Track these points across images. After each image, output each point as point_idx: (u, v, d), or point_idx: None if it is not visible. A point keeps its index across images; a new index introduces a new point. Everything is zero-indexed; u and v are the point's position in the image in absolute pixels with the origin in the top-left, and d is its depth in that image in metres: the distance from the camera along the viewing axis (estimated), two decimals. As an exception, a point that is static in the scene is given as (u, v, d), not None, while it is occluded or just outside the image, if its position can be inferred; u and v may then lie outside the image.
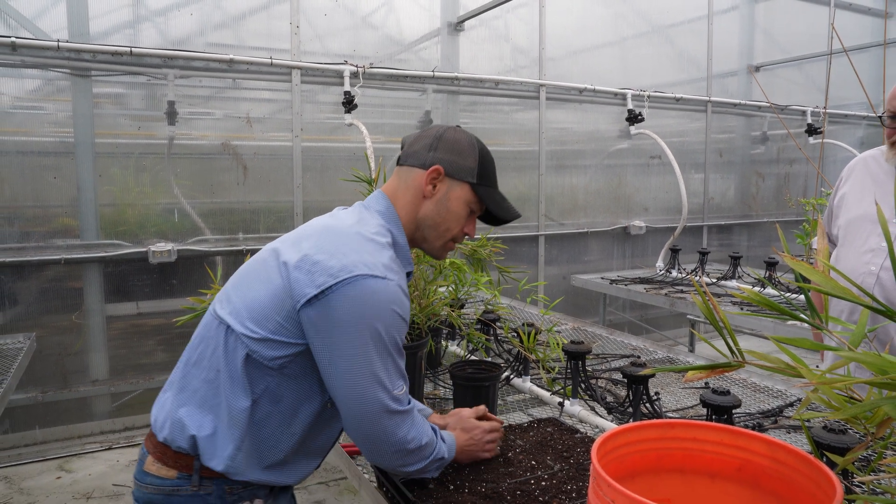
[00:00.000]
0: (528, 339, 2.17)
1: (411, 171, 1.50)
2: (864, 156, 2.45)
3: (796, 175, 7.80)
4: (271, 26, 4.68)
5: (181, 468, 1.37)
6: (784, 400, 2.25)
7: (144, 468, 1.41)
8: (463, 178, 1.48)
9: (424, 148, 1.49)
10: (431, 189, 1.48)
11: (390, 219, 1.48)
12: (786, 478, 1.04)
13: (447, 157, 1.47)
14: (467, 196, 1.50)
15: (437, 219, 1.49)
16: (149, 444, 1.44)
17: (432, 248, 1.55)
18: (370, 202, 1.51)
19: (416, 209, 1.49)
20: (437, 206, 1.48)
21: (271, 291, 1.34)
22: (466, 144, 1.50)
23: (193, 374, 1.42)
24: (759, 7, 7.31)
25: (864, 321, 0.92)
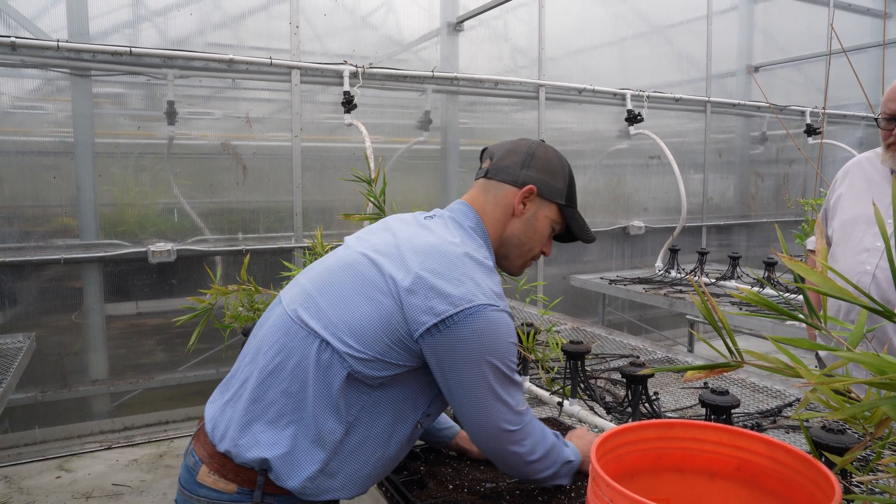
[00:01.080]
0: (528, 338, 2.17)
1: (501, 186, 1.46)
2: (859, 158, 2.46)
3: (795, 175, 7.81)
4: (271, 26, 4.68)
5: (242, 482, 1.28)
6: (783, 400, 2.25)
7: (198, 479, 1.30)
8: (553, 198, 1.47)
9: (517, 164, 1.46)
10: (522, 208, 1.46)
11: (482, 235, 1.45)
12: (784, 477, 1.04)
13: (540, 177, 1.46)
14: (554, 216, 1.49)
15: (522, 238, 1.48)
16: (202, 452, 1.33)
17: (512, 265, 1.53)
18: (459, 216, 1.46)
19: (504, 227, 1.47)
20: (525, 226, 1.47)
21: (380, 313, 1.26)
22: (558, 165, 1.49)
23: (270, 385, 1.29)
24: (758, 7, 7.32)
25: (862, 321, 0.92)
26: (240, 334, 2.46)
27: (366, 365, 1.26)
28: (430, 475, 1.61)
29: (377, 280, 1.29)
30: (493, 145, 1.55)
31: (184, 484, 1.33)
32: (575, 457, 1.48)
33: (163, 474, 3.93)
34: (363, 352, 1.25)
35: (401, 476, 1.62)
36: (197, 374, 4.57)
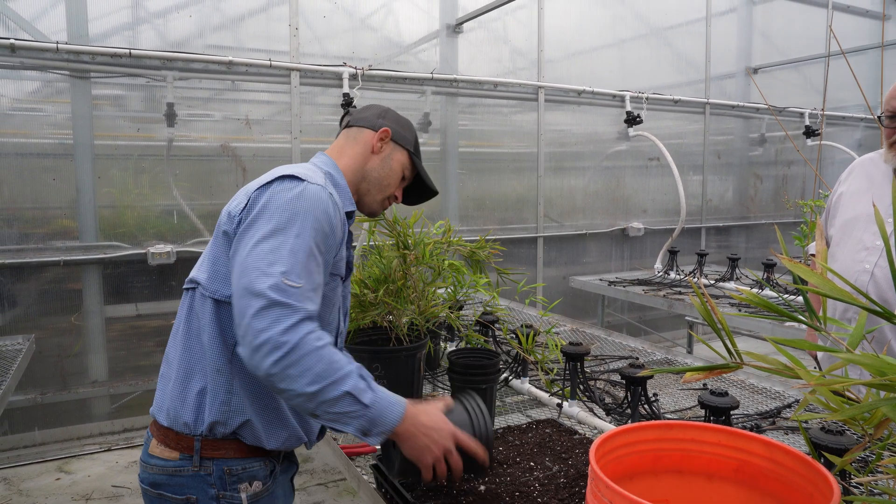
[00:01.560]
0: (527, 340, 2.17)
1: (361, 130, 1.65)
2: (863, 158, 2.46)
3: (794, 177, 7.81)
4: (270, 28, 4.69)
5: (183, 449, 1.42)
6: (782, 401, 2.25)
7: (150, 451, 1.47)
8: (404, 145, 1.67)
9: (374, 115, 1.67)
10: (380, 146, 1.64)
11: (329, 165, 1.60)
12: (783, 479, 1.04)
13: (394, 126, 1.67)
14: (405, 161, 1.67)
15: (381, 172, 1.64)
16: (153, 429, 1.50)
17: (373, 200, 1.66)
18: (313, 160, 1.63)
19: (364, 162, 1.63)
20: (383, 163, 1.64)
21: (218, 235, 1.43)
22: (406, 123, 1.71)
23: (171, 350, 1.49)
24: (757, 9, 7.33)
25: (862, 323, 0.92)
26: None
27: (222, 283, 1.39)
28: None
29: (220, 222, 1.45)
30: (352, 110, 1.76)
31: (142, 458, 1.51)
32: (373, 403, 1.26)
33: (162, 476, 3.92)
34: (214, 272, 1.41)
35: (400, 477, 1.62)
36: (196, 376, 4.56)
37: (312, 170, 1.50)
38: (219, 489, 1.41)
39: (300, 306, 1.25)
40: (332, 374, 1.23)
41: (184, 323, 1.45)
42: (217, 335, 1.39)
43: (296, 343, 1.22)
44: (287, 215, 1.32)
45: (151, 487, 1.45)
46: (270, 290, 1.24)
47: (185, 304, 1.48)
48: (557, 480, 1.53)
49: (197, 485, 1.41)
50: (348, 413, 1.25)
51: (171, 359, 1.49)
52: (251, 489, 1.44)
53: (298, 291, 1.26)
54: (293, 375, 1.21)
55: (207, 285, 1.41)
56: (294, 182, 1.38)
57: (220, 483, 1.41)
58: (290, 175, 1.40)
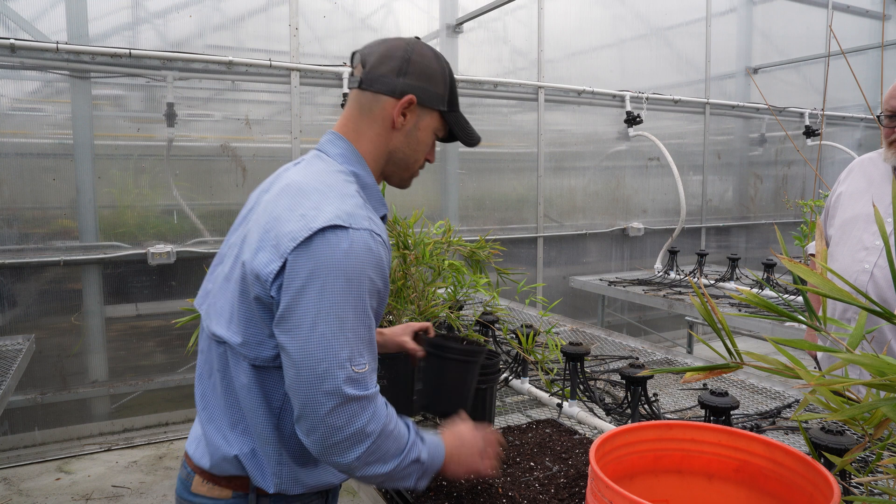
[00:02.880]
0: (527, 340, 2.17)
1: (377, 98, 1.32)
2: (862, 158, 2.47)
3: (794, 177, 7.82)
4: (270, 28, 4.69)
5: (236, 487, 1.28)
6: (782, 401, 2.25)
7: (192, 489, 1.30)
8: (434, 105, 1.34)
9: (393, 72, 1.31)
10: (402, 120, 1.33)
11: (353, 160, 1.33)
12: (783, 479, 1.04)
13: (419, 84, 1.31)
14: (436, 124, 1.37)
15: (407, 150, 1.36)
16: (192, 465, 1.33)
17: (400, 178, 1.42)
18: (324, 146, 1.36)
19: (386, 142, 1.35)
20: (408, 138, 1.35)
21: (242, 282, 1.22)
22: (437, 67, 1.34)
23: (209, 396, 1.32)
24: (757, 9, 7.33)
25: (862, 323, 0.92)
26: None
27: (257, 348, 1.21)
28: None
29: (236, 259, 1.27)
30: (364, 48, 1.37)
31: (180, 494, 1.34)
32: (429, 457, 1.28)
33: (162, 476, 3.92)
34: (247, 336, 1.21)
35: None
36: (196, 376, 4.57)
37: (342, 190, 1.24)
38: None
39: (372, 391, 1.18)
40: (402, 450, 1.22)
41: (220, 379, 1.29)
42: (261, 401, 1.24)
43: (378, 434, 1.17)
44: (340, 284, 1.13)
45: None
46: (344, 384, 1.13)
47: (216, 357, 1.28)
48: (557, 480, 1.53)
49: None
50: (411, 474, 1.25)
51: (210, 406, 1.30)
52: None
53: (367, 372, 1.17)
54: (373, 462, 1.18)
55: (243, 351, 1.22)
56: (338, 235, 1.14)
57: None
58: (332, 226, 1.15)
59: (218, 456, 1.26)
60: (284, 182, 1.28)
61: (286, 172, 1.35)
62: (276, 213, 1.21)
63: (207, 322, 1.32)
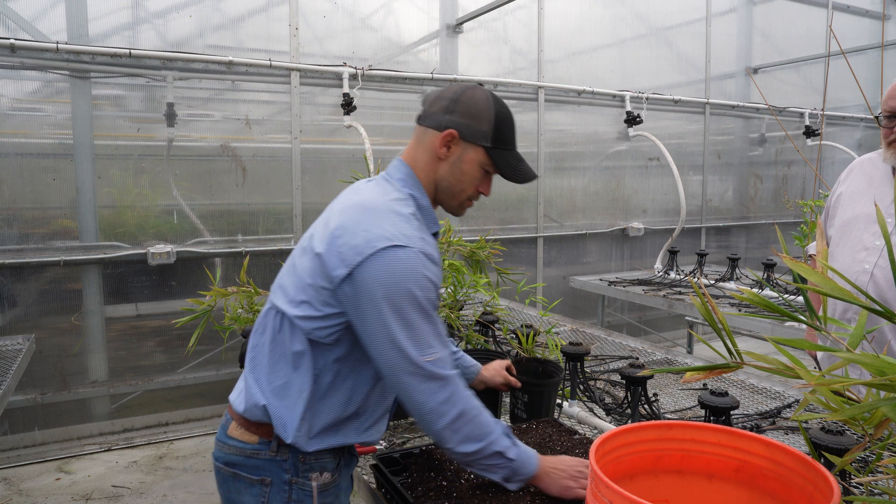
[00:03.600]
0: (527, 340, 2.17)
1: (427, 132, 1.53)
2: (861, 159, 2.46)
3: (794, 177, 7.82)
4: (270, 28, 4.69)
5: (262, 434, 1.49)
6: (782, 401, 2.25)
7: (228, 432, 1.53)
8: (477, 141, 1.50)
9: (441, 110, 1.51)
10: (446, 151, 1.51)
11: (411, 184, 1.53)
12: (783, 479, 1.04)
13: (462, 121, 1.49)
14: (481, 158, 1.51)
15: (451, 180, 1.53)
16: (232, 412, 1.56)
17: (450, 206, 1.60)
18: (391, 171, 1.56)
19: (434, 170, 1.53)
20: (452, 168, 1.52)
21: (311, 274, 1.44)
22: (484, 107, 1.50)
23: (259, 361, 1.52)
24: (757, 9, 7.33)
25: (862, 322, 0.92)
26: (239, 336, 2.45)
27: (315, 322, 1.42)
28: (431, 478, 1.61)
29: (309, 249, 1.48)
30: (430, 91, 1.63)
31: (219, 437, 1.57)
32: (518, 457, 1.43)
33: (162, 476, 3.93)
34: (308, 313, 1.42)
35: (400, 478, 1.62)
36: (196, 376, 4.57)
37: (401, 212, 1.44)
38: (292, 475, 1.48)
39: (447, 373, 1.39)
40: (485, 437, 1.41)
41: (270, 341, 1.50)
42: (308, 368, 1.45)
43: (460, 412, 1.39)
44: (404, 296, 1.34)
45: (227, 466, 1.52)
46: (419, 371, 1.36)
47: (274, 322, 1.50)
48: (557, 480, 1.52)
49: (272, 468, 1.48)
50: (497, 465, 1.43)
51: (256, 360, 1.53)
52: (321, 479, 1.51)
53: (438, 359, 1.38)
54: (460, 441, 1.39)
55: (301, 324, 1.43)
56: (399, 253, 1.35)
57: (293, 469, 1.48)
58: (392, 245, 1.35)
59: (251, 402, 1.49)
60: (355, 198, 1.50)
61: (357, 184, 1.60)
62: (345, 223, 1.42)
63: (272, 297, 1.55)
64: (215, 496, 3.70)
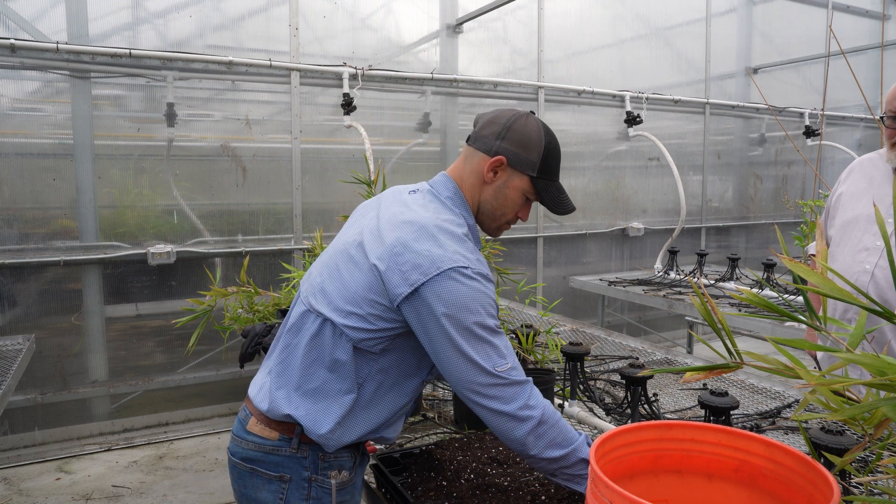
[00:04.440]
0: (527, 340, 2.17)
1: (476, 154, 1.54)
2: (862, 158, 2.46)
3: (794, 177, 7.81)
4: (270, 28, 4.68)
5: (283, 431, 1.48)
6: (782, 401, 2.25)
7: (248, 428, 1.52)
8: (524, 170, 1.52)
9: (493, 135, 1.52)
10: (492, 176, 1.52)
11: (459, 204, 1.54)
12: (783, 479, 1.04)
13: (512, 149, 1.51)
14: (525, 186, 1.54)
15: (494, 204, 1.55)
16: (251, 408, 1.55)
17: (489, 227, 1.62)
18: (438, 188, 1.56)
19: (478, 192, 1.55)
20: (496, 193, 1.54)
21: (366, 287, 1.42)
22: (535, 137, 1.52)
23: (290, 363, 1.50)
24: (756, 9, 7.33)
25: (862, 323, 0.92)
26: (239, 336, 2.45)
27: (365, 334, 1.41)
28: (431, 478, 1.61)
29: (362, 260, 1.45)
30: (483, 112, 1.61)
31: (236, 433, 1.56)
32: None
33: (162, 476, 3.93)
34: (359, 325, 1.41)
35: (400, 478, 1.62)
36: (197, 376, 4.57)
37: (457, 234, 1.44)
38: (312, 472, 1.49)
39: (521, 378, 1.39)
40: (569, 443, 1.40)
41: (307, 345, 1.47)
42: (350, 374, 1.44)
43: (540, 417, 1.38)
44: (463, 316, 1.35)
45: (244, 462, 1.52)
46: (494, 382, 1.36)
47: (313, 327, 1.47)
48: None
49: (292, 465, 1.48)
50: (581, 476, 1.41)
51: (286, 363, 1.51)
52: (339, 476, 1.52)
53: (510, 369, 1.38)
54: (542, 446, 1.38)
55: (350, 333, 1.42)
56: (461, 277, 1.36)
57: (313, 467, 1.49)
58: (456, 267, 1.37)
59: (275, 405, 1.48)
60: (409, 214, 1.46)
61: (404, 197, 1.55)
62: (404, 240, 1.40)
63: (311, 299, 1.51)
64: (215, 496, 3.70)
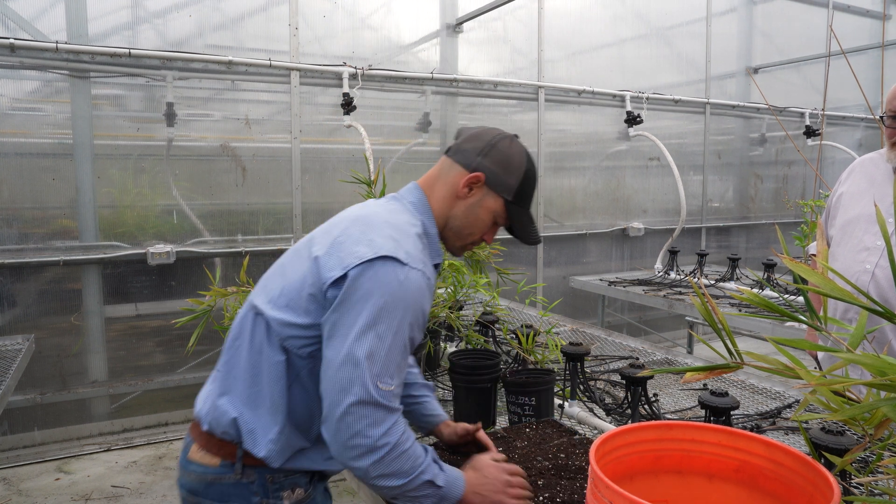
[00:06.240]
0: (527, 340, 2.17)
1: (454, 167, 1.50)
2: (863, 158, 2.46)
3: (794, 177, 7.81)
4: (270, 28, 4.68)
5: (224, 456, 1.39)
6: (782, 401, 2.25)
7: (189, 456, 1.44)
8: (500, 192, 1.49)
9: (475, 150, 1.49)
10: (466, 192, 1.48)
11: (422, 210, 1.50)
12: (784, 479, 1.04)
13: (493, 168, 1.47)
14: (498, 209, 1.51)
15: (464, 221, 1.51)
16: (194, 433, 1.47)
17: (452, 245, 1.57)
18: (403, 193, 1.53)
19: (450, 206, 1.50)
20: (468, 211, 1.50)
21: (302, 276, 1.38)
22: (517, 161, 1.49)
23: (232, 365, 1.44)
24: (757, 9, 7.32)
25: (862, 322, 0.92)
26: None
27: (292, 330, 1.35)
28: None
29: (306, 254, 1.42)
30: (466, 126, 1.58)
31: (180, 463, 1.47)
32: (447, 485, 1.34)
33: (162, 476, 3.92)
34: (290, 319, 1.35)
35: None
36: (196, 376, 4.56)
37: (407, 232, 1.40)
38: (262, 497, 1.40)
39: (394, 406, 1.30)
40: (415, 469, 1.31)
41: (248, 348, 1.41)
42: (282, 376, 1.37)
43: (392, 446, 1.27)
44: (388, 309, 1.28)
45: (191, 494, 1.43)
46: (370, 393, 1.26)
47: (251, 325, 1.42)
48: (558, 480, 1.52)
49: (238, 492, 1.39)
50: (426, 495, 1.33)
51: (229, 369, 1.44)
52: (293, 496, 1.43)
53: (392, 391, 1.29)
54: (387, 474, 1.28)
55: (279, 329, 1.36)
56: (397, 267, 1.29)
57: (262, 491, 1.40)
58: (394, 258, 1.30)
59: (219, 412, 1.40)
60: (363, 212, 1.45)
61: (367, 201, 1.55)
62: (349, 231, 1.37)
63: (253, 297, 1.47)
64: (215, 496, 3.69)
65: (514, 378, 1.95)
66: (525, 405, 1.92)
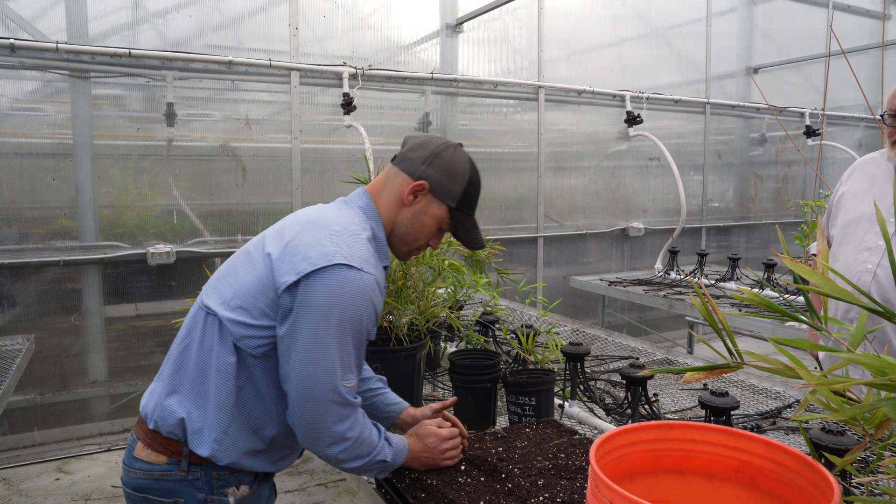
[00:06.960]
0: (527, 340, 2.17)
1: (399, 175, 1.55)
2: (864, 158, 2.46)
3: (795, 177, 7.81)
4: (270, 28, 4.68)
5: (170, 454, 1.43)
6: (782, 401, 2.25)
7: (134, 454, 1.47)
8: (444, 199, 1.54)
9: (420, 159, 1.54)
10: (411, 199, 1.53)
11: (370, 215, 1.54)
12: (784, 479, 1.04)
13: (437, 176, 1.52)
14: (443, 216, 1.56)
15: (409, 227, 1.56)
16: (139, 431, 1.49)
17: (399, 250, 1.62)
18: (352, 198, 1.58)
19: (395, 213, 1.55)
20: (413, 217, 1.55)
21: (256, 278, 1.41)
22: (461, 170, 1.54)
23: (181, 364, 1.47)
24: (757, 9, 7.32)
25: (863, 322, 0.92)
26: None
27: (246, 330, 1.39)
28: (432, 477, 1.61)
29: (259, 255, 1.46)
30: (412, 134, 1.63)
31: (125, 461, 1.50)
32: (394, 458, 1.52)
33: (162, 476, 3.92)
34: (243, 319, 1.39)
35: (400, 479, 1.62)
36: (196, 376, 4.56)
37: (359, 236, 1.45)
38: (207, 493, 1.44)
39: (355, 401, 1.42)
40: (371, 452, 1.46)
41: (197, 348, 1.45)
42: (231, 377, 1.41)
43: (355, 439, 1.41)
44: (345, 312, 1.35)
45: (135, 491, 1.46)
46: (337, 392, 1.37)
47: (202, 325, 1.45)
48: (558, 480, 1.52)
49: (184, 489, 1.43)
50: (374, 469, 1.50)
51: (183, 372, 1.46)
52: (238, 493, 1.47)
53: (353, 388, 1.41)
54: (350, 458, 1.43)
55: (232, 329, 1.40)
56: (352, 272, 1.36)
57: (207, 487, 1.44)
58: (346, 264, 1.35)
59: (167, 411, 1.43)
60: (314, 214, 1.50)
61: (317, 205, 1.59)
62: (301, 235, 1.41)
63: (203, 297, 1.51)
64: (215, 496, 3.69)
65: (514, 378, 1.95)
66: (525, 405, 1.92)
